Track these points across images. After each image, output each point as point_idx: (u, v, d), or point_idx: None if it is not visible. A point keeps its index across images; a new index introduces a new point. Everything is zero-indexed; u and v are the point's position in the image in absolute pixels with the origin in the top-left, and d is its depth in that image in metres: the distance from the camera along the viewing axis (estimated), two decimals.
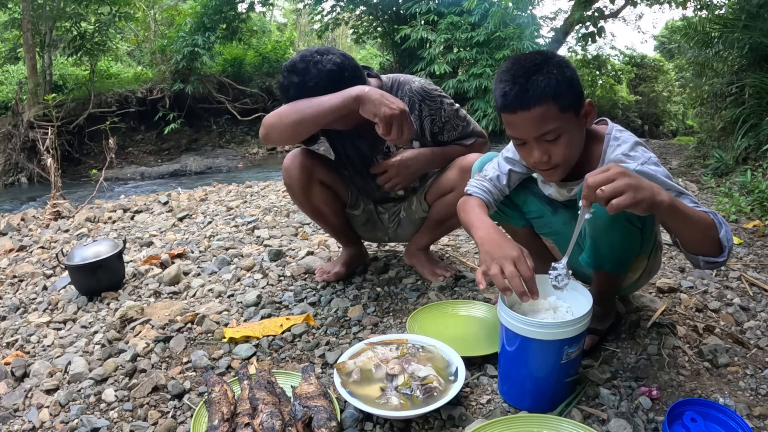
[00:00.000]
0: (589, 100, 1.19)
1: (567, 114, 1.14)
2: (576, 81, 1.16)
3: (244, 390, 1.20)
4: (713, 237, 1.06)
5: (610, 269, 1.31)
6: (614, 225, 1.17)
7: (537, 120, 1.13)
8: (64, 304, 1.96)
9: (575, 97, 1.15)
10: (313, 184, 1.76)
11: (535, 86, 1.11)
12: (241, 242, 2.56)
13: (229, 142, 11.51)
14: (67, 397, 1.33)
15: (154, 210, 3.68)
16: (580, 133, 1.21)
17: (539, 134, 1.15)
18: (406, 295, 1.80)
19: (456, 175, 1.69)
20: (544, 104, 1.12)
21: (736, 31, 4.67)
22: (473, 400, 1.22)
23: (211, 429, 1.08)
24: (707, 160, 4.77)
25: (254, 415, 1.10)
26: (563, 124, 1.14)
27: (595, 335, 1.38)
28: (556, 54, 1.23)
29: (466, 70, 10.73)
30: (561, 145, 1.17)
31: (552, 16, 13.47)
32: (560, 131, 1.15)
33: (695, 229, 1.05)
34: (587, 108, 1.20)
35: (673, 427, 1.04)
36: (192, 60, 10.80)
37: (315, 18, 13.28)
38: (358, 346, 1.32)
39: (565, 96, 1.13)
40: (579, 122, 1.19)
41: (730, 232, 1.11)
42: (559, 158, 1.18)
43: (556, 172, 1.23)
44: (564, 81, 1.13)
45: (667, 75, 15.41)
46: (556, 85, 1.11)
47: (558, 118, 1.13)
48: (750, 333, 1.48)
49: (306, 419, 1.08)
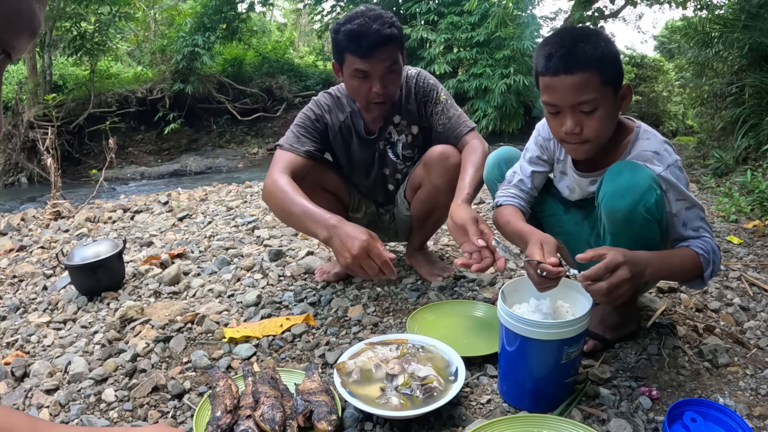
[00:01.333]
0: (627, 84, 1.18)
1: (607, 88, 1.14)
2: (619, 60, 1.17)
3: (248, 386, 1.21)
4: (696, 275, 1.17)
5: None
6: (633, 218, 1.14)
7: (577, 86, 1.12)
8: (64, 304, 1.96)
9: (617, 74, 1.15)
10: (315, 190, 1.76)
11: (582, 53, 1.11)
12: (241, 242, 2.56)
13: (229, 142, 11.51)
14: (67, 397, 1.33)
15: (154, 210, 3.68)
16: (614, 113, 1.20)
17: (577, 102, 1.14)
18: (406, 295, 1.80)
19: (421, 170, 1.73)
20: (588, 72, 1.11)
21: (736, 31, 4.67)
22: (473, 400, 1.22)
23: (213, 420, 1.09)
24: (707, 160, 4.76)
25: (256, 407, 1.12)
26: (601, 97, 1.14)
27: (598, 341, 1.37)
28: (606, 34, 1.22)
29: (466, 70, 10.75)
30: (595, 119, 1.15)
31: (552, 16, 13.49)
32: (597, 104, 1.14)
33: (678, 276, 1.22)
34: (625, 90, 1.19)
35: (673, 427, 1.04)
36: (192, 60, 10.80)
37: (315, 18, 13.29)
38: (358, 346, 1.32)
39: (608, 69, 1.13)
40: (616, 102, 1.18)
41: (719, 261, 1.19)
42: (591, 133, 1.17)
43: (583, 147, 1.21)
44: (609, 55, 1.13)
45: (667, 75, 15.39)
46: (601, 56, 1.12)
47: (598, 89, 1.13)
48: (750, 333, 1.48)
49: (307, 413, 1.10)
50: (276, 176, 1.58)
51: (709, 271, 1.17)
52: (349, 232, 1.34)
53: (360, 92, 1.61)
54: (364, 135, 1.79)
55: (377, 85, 1.57)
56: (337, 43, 1.57)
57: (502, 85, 9.79)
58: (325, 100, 1.78)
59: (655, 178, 1.13)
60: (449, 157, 1.65)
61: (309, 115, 1.74)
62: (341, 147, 1.81)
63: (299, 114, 1.76)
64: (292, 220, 1.52)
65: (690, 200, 1.19)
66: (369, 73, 1.56)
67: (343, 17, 1.58)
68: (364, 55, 1.52)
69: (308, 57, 16.06)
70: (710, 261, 1.17)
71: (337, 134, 1.78)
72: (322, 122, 1.74)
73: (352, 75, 1.59)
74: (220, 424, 1.07)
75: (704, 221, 1.21)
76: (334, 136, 1.78)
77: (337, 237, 1.36)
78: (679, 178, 1.18)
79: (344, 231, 1.35)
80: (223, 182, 5.10)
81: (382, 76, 1.57)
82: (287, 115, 12.08)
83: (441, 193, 1.68)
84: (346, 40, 1.53)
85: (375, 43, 1.50)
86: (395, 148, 1.81)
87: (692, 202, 1.19)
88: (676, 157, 1.20)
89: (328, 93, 1.80)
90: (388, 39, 1.52)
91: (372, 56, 1.52)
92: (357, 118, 1.77)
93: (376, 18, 1.52)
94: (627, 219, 1.15)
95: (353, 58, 1.54)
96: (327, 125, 1.75)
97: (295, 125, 1.74)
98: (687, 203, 1.19)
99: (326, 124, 1.75)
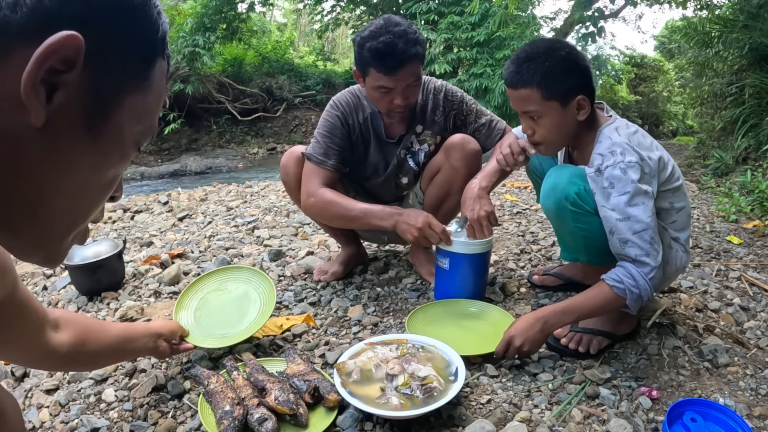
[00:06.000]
0: (581, 96, 1.29)
1: (549, 102, 1.29)
2: (570, 74, 1.29)
3: (237, 380, 1.24)
4: (622, 303, 1.23)
5: (587, 260, 1.43)
6: (562, 214, 1.33)
7: (521, 99, 1.33)
8: (64, 304, 1.96)
9: (563, 90, 1.28)
10: None
11: (525, 71, 1.29)
12: (241, 242, 2.56)
13: (229, 142, 11.51)
14: (67, 397, 1.33)
15: (154, 210, 3.68)
16: (564, 122, 1.33)
17: (522, 111, 1.35)
18: (406, 295, 1.80)
19: (441, 156, 1.77)
20: (529, 88, 1.29)
21: (736, 31, 4.67)
22: (473, 400, 1.22)
23: (224, 415, 1.09)
24: (707, 160, 4.77)
25: (264, 394, 1.15)
26: (544, 110, 1.31)
27: (606, 338, 1.38)
28: (567, 47, 1.32)
29: (467, 70, 10.75)
30: (542, 126, 1.34)
31: (552, 16, 13.51)
32: (541, 114, 1.32)
33: (604, 311, 1.29)
34: (580, 102, 1.30)
35: (673, 427, 1.04)
36: (192, 60, 10.80)
37: (315, 18, 13.29)
38: (358, 346, 1.32)
39: (550, 85, 1.27)
40: (566, 112, 1.31)
41: (645, 285, 1.21)
42: (539, 137, 1.36)
43: (540, 148, 1.40)
44: (555, 71, 1.27)
45: (667, 75, 15.39)
46: (542, 75, 1.27)
47: (539, 103, 1.30)
48: (750, 333, 1.48)
49: (311, 390, 1.16)
50: (317, 191, 1.69)
51: (632, 299, 1.21)
52: (410, 213, 1.59)
53: (382, 103, 1.66)
54: (385, 138, 1.81)
55: (399, 98, 1.62)
56: (361, 57, 1.59)
57: (502, 84, 9.78)
58: (346, 100, 1.78)
59: (578, 174, 1.29)
60: (469, 142, 1.71)
61: (332, 121, 1.75)
62: (360, 146, 1.82)
63: (322, 119, 1.78)
64: (354, 223, 1.72)
65: (621, 212, 1.20)
66: (392, 89, 1.60)
67: (368, 31, 1.59)
68: (389, 73, 1.56)
69: (308, 57, 16.08)
70: (626, 290, 1.20)
71: (358, 135, 1.79)
72: (346, 125, 1.76)
73: (374, 88, 1.62)
74: (235, 416, 1.08)
75: (639, 236, 1.20)
76: (356, 137, 1.79)
77: (401, 221, 1.58)
78: (615, 179, 1.20)
79: (406, 214, 1.59)
80: (223, 182, 5.10)
81: (404, 90, 1.62)
82: (287, 115, 12.08)
83: (459, 176, 1.71)
84: (371, 57, 1.56)
85: (400, 62, 1.55)
86: (417, 156, 1.84)
87: (624, 214, 1.20)
88: (621, 158, 1.22)
89: (349, 92, 1.80)
90: (412, 58, 1.56)
91: (396, 74, 1.57)
92: (377, 119, 1.79)
93: (401, 35, 1.54)
94: (557, 215, 1.35)
95: (378, 74, 1.58)
96: (350, 126, 1.77)
97: (320, 134, 1.75)
98: (617, 214, 1.21)
99: (349, 126, 1.77)
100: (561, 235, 1.45)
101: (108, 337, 1.11)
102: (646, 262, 1.20)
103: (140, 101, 0.50)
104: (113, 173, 0.52)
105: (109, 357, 1.17)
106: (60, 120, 0.44)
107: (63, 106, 0.43)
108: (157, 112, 0.55)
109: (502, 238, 2.37)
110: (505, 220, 2.70)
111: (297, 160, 1.79)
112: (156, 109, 0.54)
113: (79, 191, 0.50)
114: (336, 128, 1.74)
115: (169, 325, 1.33)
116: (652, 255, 1.20)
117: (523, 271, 1.99)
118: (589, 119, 1.34)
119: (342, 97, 1.79)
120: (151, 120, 0.53)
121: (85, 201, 0.52)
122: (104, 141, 0.48)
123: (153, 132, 0.55)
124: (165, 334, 1.29)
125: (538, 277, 1.79)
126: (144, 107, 0.51)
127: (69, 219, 0.52)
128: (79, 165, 0.47)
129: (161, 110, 0.57)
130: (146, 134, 0.54)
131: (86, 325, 1.06)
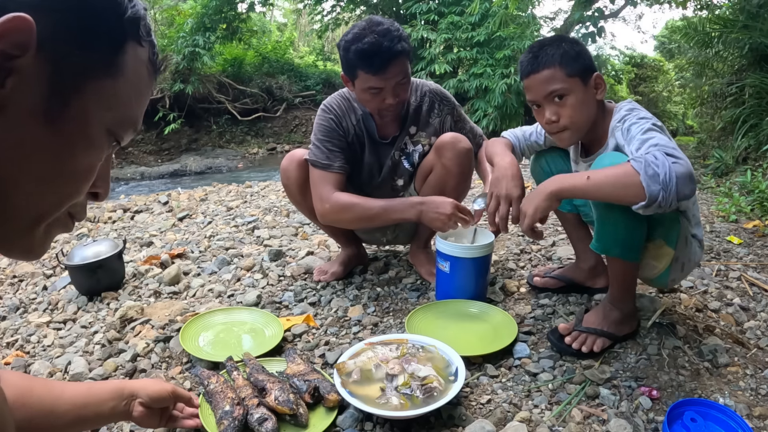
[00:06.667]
0: (597, 74, 1.34)
1: (573, 79, 1.32)
2: (583, 55, 1.34)
3: (237, 380, 1.24)
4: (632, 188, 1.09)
5: (619, 254, 1.32)
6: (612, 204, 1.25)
7: (545, 80, 1.33)
8: (64, 304, 1.96)
9: (582, 67, 1.33)
10: (306, 188, 1.77)
11: (545, 54, 1.33)
12: (241, 242, 2.56)
13: (229, 142, 11.50)
14: None
15: (154, 210, 3.68)
16: (588, 101, 1.35)
17: (547, 92, 1.33)
18: (406, 295, 1.80)
19: (432, 156, 1.77)
20: (551, 68, 1.32)
21: (735, 31, 4.66)
22: (473, 400, 1.22)
23: (224, 415, 1.09)
24: (707, 160, 4.76)
25: (264, 394, 1.16)
26: (569, 87, 1.32)
27: (608, 339, 1.38)
28: (573, 38, 1.41)
29: (467, 70, 10.73)
30: (568, 107, 1.33)
31: (552, 16, 13.49)
32: (566, 92, 1.32)
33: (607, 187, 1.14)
34: (597, 80, 1.35)
35: (673, 427, 1.05)
36: (192, 60, 10.78)
37: (315, 18, 13.27)
38: (358, 346, 1.32)
39: (570, 63, 1.32)
40: (587, 90, 1.34)
41: (669, 171, 1.05)
42: (567, 120, 1.34)
43: (565, 134, 1.37)
44: (571, 52, 1.32)
45: (667, 75, 15.38)
46: (562, 54, 1.32)
47: (564, 80, 1.32)
48: (750, 333, 1.48)
49: (311, 390, 1.16)
50: (331, 197, 1.69)
51: (648, 174, 1.06)
52: (436, 200, 1.60)
53: (373, 104, 1.66)
54: (378, 139, 1.81)
55: (390, 97, 1.63)
56: (348, 60, 1.59)
57: (502, 84, 9.78)
58: (337, 103, 1.78)
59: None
60: (460, 141, 1.71)
61: (328, 125, 1.75)
62: (356, 148, 1.82)
63: (317, 125, 1.77)
64: (376, 221, 1.71)
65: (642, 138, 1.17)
66: (382, 89, 1.60)
67: (351, 34, 1.59)
68: (377, 73, 1.57)
69: (308, 57, 16.06)
70: (644, 163, 1.08)
71: (353, 137, 1.78)
72: (340, 128, 1.76)
73: (365, 90, 1.62)
74: (235, 416, 1.08)
75: (656, 132, 1.17)
76: (351, 139, 1.79)
77: (427, 210, 1.60)
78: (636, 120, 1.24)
79: (431, 202, 1.60)
80: (223, 182, 5.10)
81: (394, 88, 1.62)
82: (287, 115, 12.07)
83: (451, 176, 1.72)
84: (358, 59, 1.56)
85: (387, 60, 1.55)
86: (411, 157, 1.84)
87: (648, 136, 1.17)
88: (643, 114, 1.27)
89: (339, 95, 1.80)
90: (399, 54, 1.57)
91: (385, 73, 1.57)
92: (369, 121, 1.78)
93: (384, 34, 1.55)
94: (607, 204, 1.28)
95: (366, 75, 1.58)
96: (345, 129, 1.77)
97: (317, 139, 1.74)
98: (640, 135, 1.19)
99: (344, 128, 1.76)
100: (602, 222, 1.30)
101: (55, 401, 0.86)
102: (674, 154, 1.09)
103: (109, 87, 0.48)
104: (84, 162, 0.50)
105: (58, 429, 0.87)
106: (15, 106, 0.43)
107: (18, 92, 0.42)
108: (136, 100, 0.52)
109: (502, 238, 2.37)
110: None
111: (297, 164, 1.78)
112: (134, 98, 0.52)
113: (44, 179, 0.48)
114: (333, 131, 1.74)
115: (154, 387, 1.02)
116: (678, 152, 1.11)
117: (523, 271, 1.99)
118: (601, 106, 1.39)
119: (332, 101, 1.79)
120: (127, 109, 0.51)
121: (53, 190, 0.49)
122: (66, 127, 0.46)
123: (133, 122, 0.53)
124: (142, 397, 0.99)
125: (539, 279, 1.78)
126: (114, 94, 0.49)
127: (37, 208, 0.49)
128: (40, 152, 0.46)
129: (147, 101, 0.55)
130: (123, 124, 0.51)
131: (25, 387, 0.81)
